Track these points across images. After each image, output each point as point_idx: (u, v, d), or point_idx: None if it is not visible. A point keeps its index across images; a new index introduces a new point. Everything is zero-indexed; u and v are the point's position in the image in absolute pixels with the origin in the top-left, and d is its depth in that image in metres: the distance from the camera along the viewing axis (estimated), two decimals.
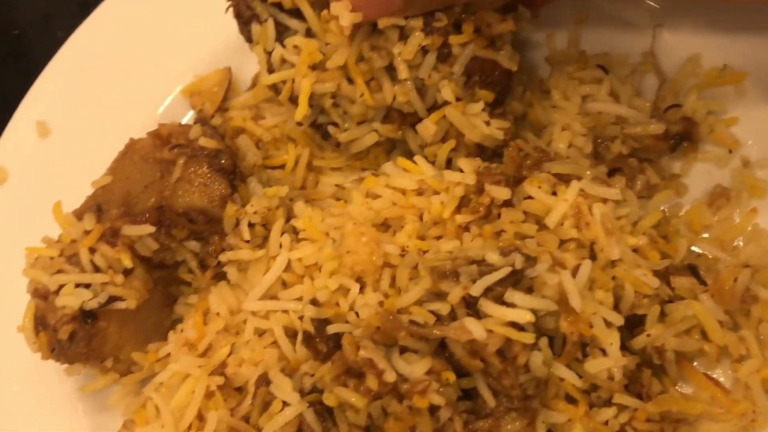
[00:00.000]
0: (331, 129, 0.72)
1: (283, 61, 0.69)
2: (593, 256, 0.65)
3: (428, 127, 0.69)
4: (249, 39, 0.72)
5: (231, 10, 0.73)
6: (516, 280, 0.59)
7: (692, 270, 0.68)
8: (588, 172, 0.69)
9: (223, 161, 0.71)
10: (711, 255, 0.71)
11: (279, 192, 0.73)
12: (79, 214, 0.74)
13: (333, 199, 0.77)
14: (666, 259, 0.68)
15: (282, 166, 0.80)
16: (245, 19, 0.71)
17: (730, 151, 0.76)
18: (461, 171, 0.69)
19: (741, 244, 0.73)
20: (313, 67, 0.68)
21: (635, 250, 0.67)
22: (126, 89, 0.88)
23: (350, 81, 0.68)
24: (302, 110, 0.68)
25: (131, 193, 0.73)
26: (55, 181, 0.84)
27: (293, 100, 0.69)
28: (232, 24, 0.86)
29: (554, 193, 0.68)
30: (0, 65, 1.00)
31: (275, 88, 0.70)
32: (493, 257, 0.60)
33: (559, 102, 0.78)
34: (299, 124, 0.71)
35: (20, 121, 0.89)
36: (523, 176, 0.69)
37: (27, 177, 0.86)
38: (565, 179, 0.69)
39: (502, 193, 0.66)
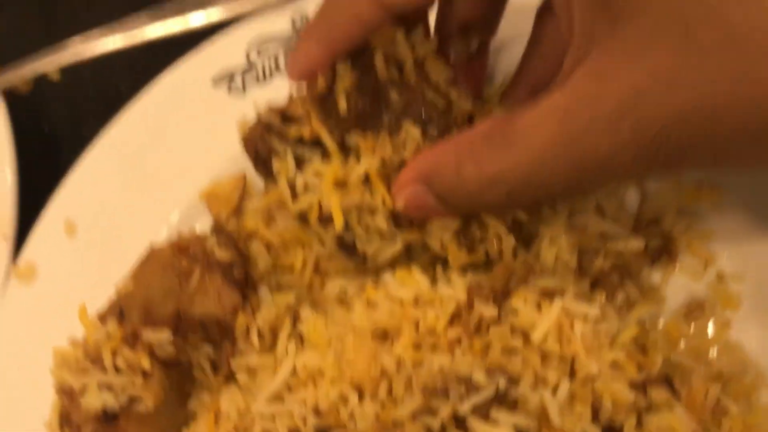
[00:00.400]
0: (358, 243, 0.77)
1: (306, 186, 0.74)
2: (574, 371, 0.71)
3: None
4: (265, 175, 0.79)
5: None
6: (500, 399, 0.65)
7: (667, 381, 0.74)
8: (571, 288, 0.75)
9: (235, 272, 0.78)
10: (686, 365, 0.77)
11: (287, 299, 0.80)
12: (102, 318, 0.80)
13: (337, 304, 0.83)
14: (642, 371, 0.73)
15: (291, 268, 0.87)
16: (263, 157, 0.77)
17: (706, 265, 0.82)
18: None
19: (715, 355, 0.78)
20: (336, 186, 0.74)
21: (613, 364, 0.73)
22: (148, 191, 0.96)
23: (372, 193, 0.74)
24: (339, 220, 0.73)
25: (151, 300, 0.79)
26: (81, 279, 0.91)
27: (322, 221, 0.75)
28: None
29: (540, 307, 0.74)
30: (30, 161, 1.06)
31: (301, 216, 0.76)
32: (479, 377, 0.66)
33: (548, 215, 0.83)
34: (340, 239, 0.76)
35: (49, 218, 0.96)
36: (511, 290, 0.75)
37: (55, 274, 0.93)
38: (549, 294, 0.75)
39: (489, 310, 0.72)
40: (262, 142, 0.77)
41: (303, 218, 0.77)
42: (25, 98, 1.18)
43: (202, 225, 0.94)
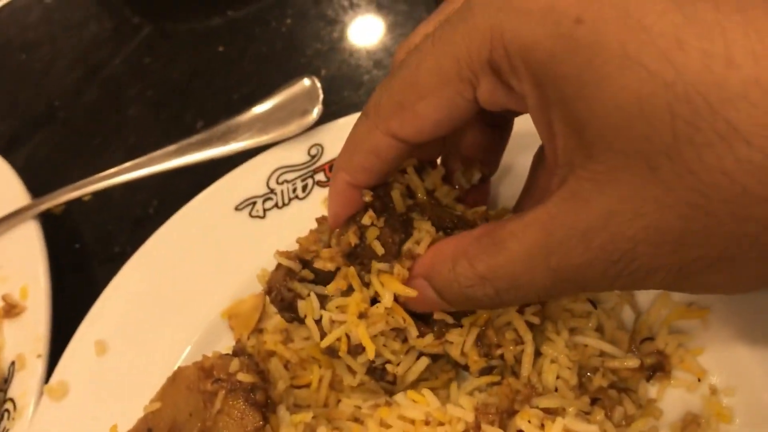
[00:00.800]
0: (388, 367, 0.83)
1: (332, 321, 0.81)
2: None
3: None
4: (289, 320, 0.86)
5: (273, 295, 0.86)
6: None
7: None
8: (571, 408, 0.80)
9: (257, 395, 0.83)
10: None
11: (305, 418, 0.85)
12: None
13: (351, 422, 0.88)
14: None
15: (308, 385, 0.92)
16: (287, 302, 0.84)
17: (699, 380, 0.87)
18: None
19: None
20: (360, 316, 0.80)
21: None
22: (174, 311, 1.02)
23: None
24: (371, 349, 0.79)
25: (177, 420, 0.85)
26: (111, 398, 0.97)
27: (351, 351, 0.81)
28: (267, 253, 1.02)
29: (543, 426, 0.78)
30: (62, 277, 1.13)
31: (330, 350, 0.82)
32: None
33: (550, 335, 0.88)
34: (370, 366, 0.83)
35: (81, 338, 1.02)
36: (515, 410, 0.80)
37: (85, 393, 0.98)
38: (552, 413, 0.80)
39: None
40: (285, 288, 0.84)
41: (332, 352, 0.84)
42: (59, 218, 1.27)
43: (225, 342, 1.00)
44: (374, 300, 0.80)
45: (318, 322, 0.82)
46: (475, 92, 0.65)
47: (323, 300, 0.82)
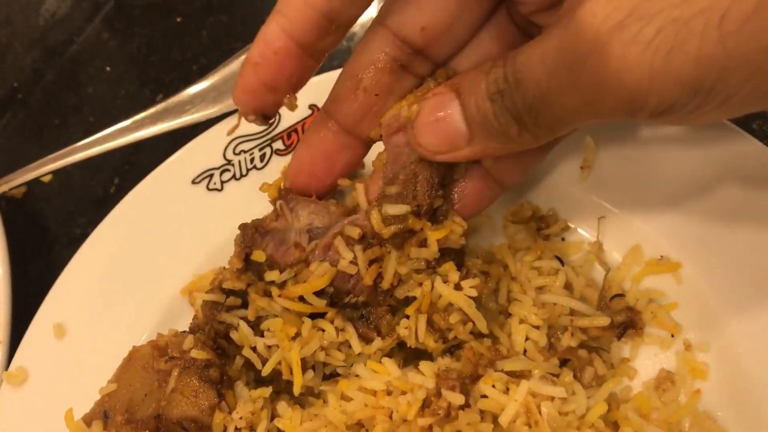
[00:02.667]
0: (339, 370, 0.82)
1: (268, 347, 0.79)
2: None
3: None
4: (237, 346, 0.83)
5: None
6: None
7: None
8: (537, 370, 0.77)
9: (211, 372, 0.80)
10: None
11: (263, 393, 0.82)
12: (87, 421, 0.83)
13: (312, 396, 0.85)
14: None
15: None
16: (222, 334, 0.83)
17: (672, 335, 0.83)
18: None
19: (687, 426, 0.79)
20: (293, 337, 0.78)
21: None
22: (133, 289, 0.99)
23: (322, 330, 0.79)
24: (299, 381, 0.78)
25: (133, 401, 0.82)
26: (70, 381, 0.94)
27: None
28: (226, 229, 0.98)
29: (507, 390, 0.75)
30: (24, 261, 1.11)
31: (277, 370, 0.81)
32: None
33: (517, 294, 0.85)
34: (301, 394, 0.81)
35: (40, 322, 0.99)
36: (479, 375, 0.77)
37: (44, 378, 0.95)
38: (517, 376, 0.77)
39: (456, 398, 0.73)
40: (216, 321, 0.82)
41: (277, 375, 0.82)
42: (19, 201, 1.24)
43: (186, 320, 0.97)
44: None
45: (254, 348, 0.81)
46: None
47: (258, 322, 0.81)
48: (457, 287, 0.76)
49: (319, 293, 0.77)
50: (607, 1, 0.50)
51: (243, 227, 0.80)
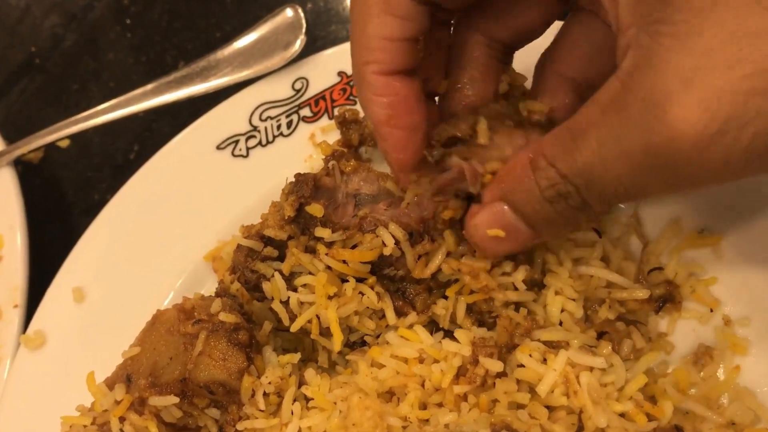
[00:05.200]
0: (367, 339, 0.80)
1: (301, 303, 0.77)
2: (582, 424, 0.70)
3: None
4: (260, 299, 0.81)
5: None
6: None
7: (678, 431, 0.73)
8: (576, 341, 0.75)
9: (240, 335, 0.78)
10: (698, 413, 0.76)
11: (292, 359, 0.80)
12: (110, 384, 0.81)
13: (341, 366, 0.83)
14: (653, 421, 0.73)
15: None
16: (252, 283, 0.80)
17: (712, 310, 0.81)
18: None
19: (726, 401, 0.77)
20: (330, 297, 0.76)
21: (622, 415, 0.72)
22: (155, 255, 0.97)
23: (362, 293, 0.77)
24: (338, 338, 0.76)
25: (158, 365, 0.80)
26: (90, 345, 0.92)
27: (324, 333, 0.77)
28: (251, 195, 0.96)
29: (545, 360, 0.73)
30: (41, 226, 1.09)
31: (304, 330, 0.79)
32: None
33: (553, 266, 0.83)
34: (339, 353, 0.79)
35: (59, 286, 0.97)
36: (515, 344, 0.75)
37: (63, 342, 0.93)
38: (554, 346, 0.75)
39: (495, 365, 0.71)
40: (249, 270, 0.80)
41: (304, 333, 0.80)
42: (37, 167, 1.22)
43: (209, 286, 0.95)
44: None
45: (286, 303, 0.78)
46: None
47: (291, 277, 0.78)
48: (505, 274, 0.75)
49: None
50: (703, 108, 0.47)
51: (301, 177, 0.78)
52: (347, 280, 0.77)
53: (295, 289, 0.78)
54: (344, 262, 0.75)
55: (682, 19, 0.46)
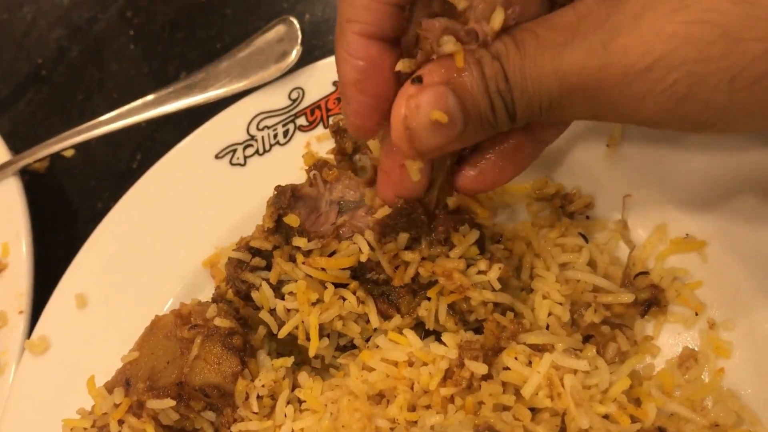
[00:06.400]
0: (357, 342, 0.83)
1: (288, 310, 0.79)
2: (565, 426, 0.72)
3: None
4: (254, 307, 0.84)
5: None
6: None
7: None
8: (560, 344, 0.76)
9: (234, 340, 0.80)
10: (682, 415, 0.77)
11: (285, 363, 0.82)
12: (109, 388, 0.83)
13: (334, 369, 0.85)
14: (636, 423, 0.74)
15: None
16: (244, 293, 0.83)
17: (697, 314, 0.82)
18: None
19: (710, 403, 0.78)
20: (314, 303, 0.79)
21: (606, 417, 0.74)
22: (155, 262, 0.99)
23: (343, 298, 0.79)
24: (315, 344, 0.78)
25: (155, 369, 0.82)
26: (92, 350, 0.95)
27: (310, 339, 0.80)
28: (249, 203, 0.99)
29: (530, 363, 0.75)
30: (46, 234, 1.11)
31: (291, 337, 0.81)
32: None
33: (540, 271, 0.85)
34: (315, 358, 0.82)
35: (62, 293, 1.00)
36: (502, 347, 0.77)
37: (66, 347, 0.96)
38: (540, 349, 0.76)
39: (480, 368, 0.73)
40: (239, 280, 0.82)
41: (292, 339, 0.82)
42: (43, 176, 1.25)
43: (208, 292, 0.98)
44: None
45: (274, 311, 0.81)
46: None
47: (279, 285, 0.81)
48: (481, 273, 0.77)
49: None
50: (641, 42, 0.51)
51: (279, 189, 0.81)
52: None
53: (282, 297, 0.80)
54: (323, 269, 0.77)
55: None
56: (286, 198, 0.79)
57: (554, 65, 0.57)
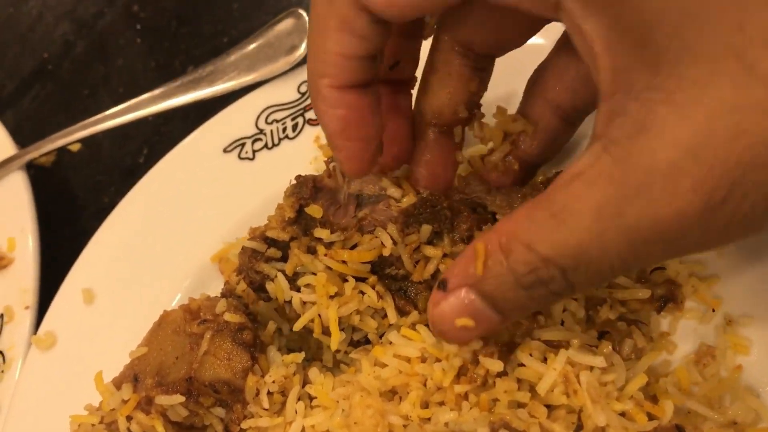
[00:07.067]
0: (370, 337, 0.81)
1: (303, 303, 0.78)
2: (581, 423, 0.71)
3: None
4: (266, 299, 0.82)
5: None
6: None
7: (679, 430, 0.73)
8: (576, 340, 0.75)
9: (244, 335, 0.79)
10: (699, 413, 0.76)
11: (296, 359, 0.81)
12: (117, 384, 0.82)
13: (345, 365, 0.84)
14: (653, 420, 0.73)
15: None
16: (257, 284, 0.81)
17: (714, 310, 0.81)
18: None
19: (728, 401, 0.77)
20: (331, 297, 0.77)
21: (623, 414, 0.73)
22: (163, 257, 0.98)
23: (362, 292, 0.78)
24: (336, 337, 0.77)
25: (164, 364, 0.81)
26: (99, 346, 0.94)
27: (326, 332, 0.78)
28: (257, 197, 0.98)
29: (545, 359, 0.74)
30: (52, 229, 1.10)
31: (308, 329, 0.80)
32: None
33: None
34: (337, 351, 0.80)
35: (68, 288, 0.99)
36: (516, 343, 0.75)
37: (73, 342, 0.95)
38: (555, 345, 0.75)
39: (494, 365, 0.72)
40: (253, 270, 0.81)
41: (307, 332, 0.81)
42: (49, 170, 1.24)
43: (216, 287, 0.96)
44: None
45: (289, 303, 0.79)
46: None
47: (295, 277, 0.79)
48: None
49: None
50: (709, 180, 0.45)
51: (300, 179, 0.79)
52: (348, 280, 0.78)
53: (298, 289, 0.79)
54: (344, 262, 0.76)
55: (678, 87, 0.44)
56: (308, 188, 0.78)
57: (617, 225, 0.49)
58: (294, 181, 0.80)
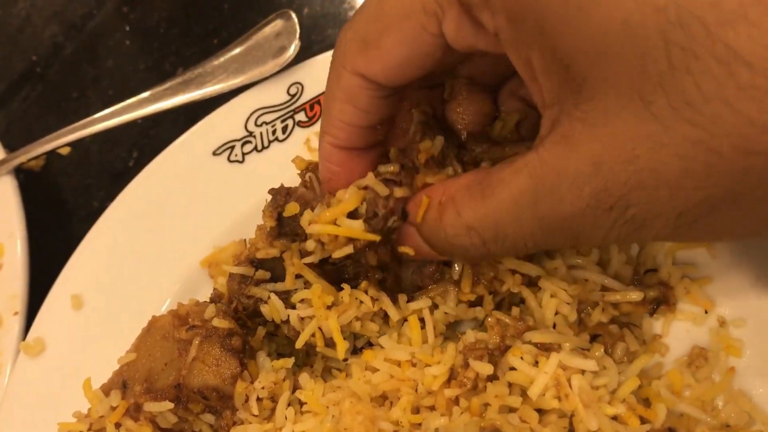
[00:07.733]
0: (372, 340, 0.81)
1: (301, 318, 0.77)
2: (573, 427, 0.70)
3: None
4: (262, 323, 0.82)
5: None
6: None
7: None
8: (568, 343, 0.75)
9: (233, 341, 0.78)
10: (692, 416, 0.75)
11: (286, 364, 0.80)
12: (106, 390, 0.81)
13: (336, 370, 0.83)
14: (646, 424, 0.72)
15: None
16: (251, 309, 0.80)
17: (706, 312, 0.81)
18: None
19: (720, 403, 0.76)
20: (328, 307, 0.76)
21: (615, 418, 0.72)
22: (152, 261, 0.98)
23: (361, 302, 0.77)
24: (342, 346, 0.76)
25: (153, 370, 0.80)
26: (88, 352, 0.93)
27: (329, 344, 0.77)
28: (248, 201, 0.97)
29: (537, 363, 0.73)
30: (41, 234, 1.10)
31: (308, 346, 0.79)
32: None
33: (549, 269, 0.82)
34: (345, 360, 0.80)
35: (57, 294, 0.98)
36: (507, 346, 0.75)
37: (62, 348, 0.94)
38: (546, 348, 0.75)
39: (484, 368, 0.71)
40: (244, 296, 0.80)
41: (309, 348, 0.80)
42: (38, 174, 1.23)
43: (206, 292, 0.96)
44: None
45: (286, 322, 0.78)
46: (440, 26, 0.59)
47: (287, 295, 0.78)
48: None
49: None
50: (603, 190, 0.53)
51: (274, 191, 0.78)
52: (342, 288, 0.77)
53: (293, 306, 0.78)
54: (335, 224, 0.71)
55: (593, 109, 0.51)
56: (282, 195, 0.77)
57: (532, 212, 0.59)
58: (269, 198, 0.79)
